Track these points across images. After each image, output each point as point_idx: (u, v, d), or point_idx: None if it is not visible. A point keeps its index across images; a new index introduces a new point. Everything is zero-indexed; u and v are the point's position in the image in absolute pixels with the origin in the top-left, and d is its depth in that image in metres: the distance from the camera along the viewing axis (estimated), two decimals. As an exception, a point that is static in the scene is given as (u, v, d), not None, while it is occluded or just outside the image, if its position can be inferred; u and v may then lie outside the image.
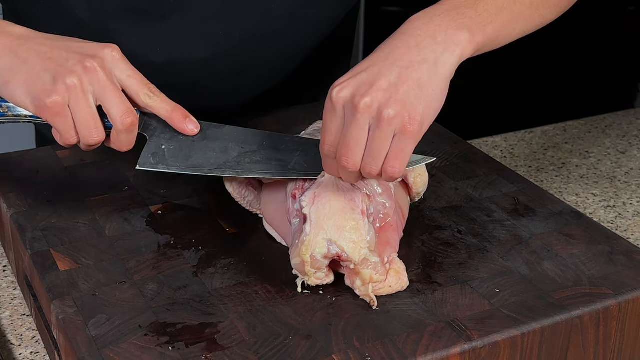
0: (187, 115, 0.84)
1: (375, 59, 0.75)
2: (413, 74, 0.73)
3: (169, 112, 0.83)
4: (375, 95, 0.72)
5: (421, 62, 0.74)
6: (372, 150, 0.73)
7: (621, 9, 2.82)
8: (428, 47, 0.74)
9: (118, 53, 0.80)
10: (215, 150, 0.85)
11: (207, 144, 0.85)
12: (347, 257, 0.77)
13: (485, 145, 1.29)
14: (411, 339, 0.73)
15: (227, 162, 0.84)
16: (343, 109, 0.74)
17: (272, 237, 0.88)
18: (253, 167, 0.85)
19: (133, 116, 0.80)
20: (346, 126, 0.74)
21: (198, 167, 0.84)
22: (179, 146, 0.84)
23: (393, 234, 0.81)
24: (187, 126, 0.84)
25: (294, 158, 0.84)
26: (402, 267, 0.80)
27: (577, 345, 0.78)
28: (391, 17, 2.61)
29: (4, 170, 1.00)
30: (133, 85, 0.81)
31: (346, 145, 0.74)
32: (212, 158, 0.84)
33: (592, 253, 0.85)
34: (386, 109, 0.72)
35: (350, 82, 0.74)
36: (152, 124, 0.84)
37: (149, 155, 0.84)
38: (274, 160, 0.84)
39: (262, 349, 0.72)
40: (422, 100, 0.73)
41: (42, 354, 0.83)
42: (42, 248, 0.85)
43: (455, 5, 0.77)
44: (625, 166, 1.23)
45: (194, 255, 0.85)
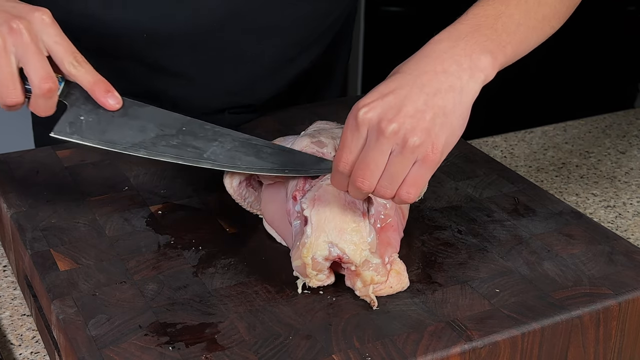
0: (110, 90, 0.83)
1: (403, 82, 0.74)
2: (440, 101, 0.73)
3: (91, 84, 0.82)
4: (402, 122, 0.71)
5: (448, 89, 0.74)
6: (390, 175, 0.73)
7: (621, 9, 2.82)
8: (454, 73, 0.74)
9: (48, 17, 0.80)
10: (133, 128, 0.83)
11: (126, 121, 0.83)
12: (348, 259, 0.77)
13: (485, 145, 1.29)
14: (411, 339, 0.73)
15: (143, 142, 0.83)
16: (367, 130, 0.73)
17: (272, 237, 0.88)
18: (167, 150, 0.83)
19: (52, 82, 0.79)
20: (368, 148, 0.73)
21: (112, 143, 0.83)
22: (97, 119, 0.83)
23: (394, 234, 0.81)
24: (108, 100, 0.83)
25: (210, 148, 0.83)
26: (402, 267, 0.80)
27: (577, 345, 0.78)
28: (391, 17, 2.61)
29: (4, 170, 1.00)
30: (59, 51, 0.80)
31: (365, 166, 0.73)
32: (128, 136, 0.83)
33: (592, 253, 0.85)
34: (412, 137, 0.71)
35: (377, 104, 0.73)
36: (75, 93, 0.83)
37: (65, 124, 0.83)
38: (190, 147, 0.83)
39: (262, 349, 0.72)
40: (446, 129, 0.73)
41: (42, 354, 0.83)
42: (42, 248, 0.85)
43: (476, 25, 0.77)
44: (625, 166, 1.23)
45: (194, 255, 0.85)
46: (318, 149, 0.85)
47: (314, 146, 0.86)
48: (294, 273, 0.80)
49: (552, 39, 0.86)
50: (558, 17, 0.85)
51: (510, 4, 0.80)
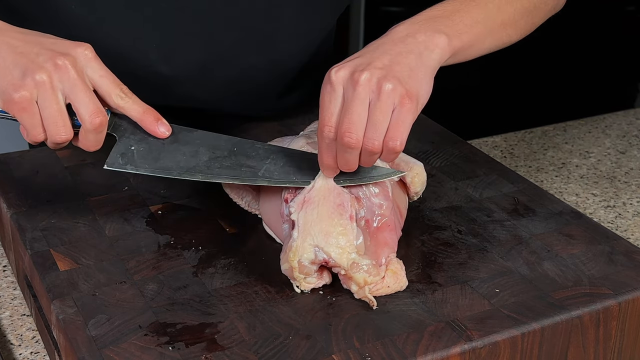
0: (159, 118, 0.83)
1: (365, 51, 0.80)
2: (403, 59, 0.78)
3: (141, 114, 0.82)
4: (373, 71, 0.76)
5: (408, 52, 0.79)
6: (374, 124, 0.75)
7: (621, 9, 2.82)
8: (411, 43, 0.80)
9: (91, 52, 0.80)
10: (185, 153, 0.84)
11: (178, 147, 0.84)
12: (334, 263, 0.77)
13: (485, 145, 1.29)
14: (411, 339, 0.73)
15: (197, 166, 0.84)
16: (342, 87, 0.76)
17: (272, 237, 0.88)
18: (223, 172, 0.84)
19: (102, 116, 0.79)
20: (347, 103, 0.76)
21: (167, 170, 0.83)
22: (148, 148, 0.84)
23: (390, 234, 0.81)
24: (159, 128, 0.83)
25: (264, 165, 0.84)
26: (399, 267, 0.80)
27: (577, 345, 0.78)
28: (391, 17, 2.61)
29: (4, 170, 1.00)
30: (105, 85, 0.81)
31: (349, 120, 0.75)
32: (182, 161, 0.84)
33: (592, 253, 0.85)
34: (385, 82, 0.75)
35: (346, 64, 0.77)
36: (122, 124, 0.84)
37: (117, 156, 0.83)
38: (244, 166, 0.84)
39: (262, 349, 0.72)
40: (414, 80, 0.77)
41: (42, 354, 0.83)
42: (42, 248, 0.85)
43: (432, 16, 0.83)
44: (625, 166, 1.23)
45: (194, 255, 0.85)
46: (313, 150, 0.85)
47: (310, 147, 0.86)
48: None
49: (552, 39, 0.86)
50: (516, 28, 0.90)
51: (470, 5, 0.85)
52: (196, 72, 1.05)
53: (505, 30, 0.88)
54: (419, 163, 0.89)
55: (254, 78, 1.09)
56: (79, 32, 1.00)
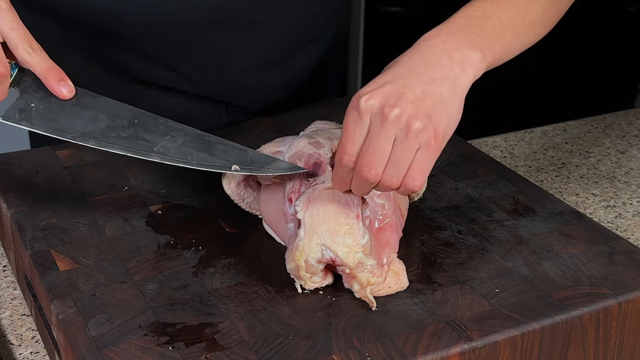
0: (63, 78, 0.82)
1: (398, 73, 0.76)
2: (436, 89, 0.75)
3: (45, 71, 0.82)
4: (404, 107, 0.73)
5: (442, 79, 0.75)
6: (396, 162, 0.73)
7: (621, 9, 2.82)
8: (446, 65, 0.76)
9: (5, 3, 0.80)
10: (83, 118, 0.83)
11: (78, 111, 0.83)
12: (341, 262, 0.77)
13: (485, 145, 1.29)
14: (411, 339, 0.73)
15: (93, 132, 0.82)
16: (370, 118, 0.73)
17: (272, 237, 0.88)
18: (118, 142, 0.82)
19: (3, 68, 0.79)
20: (372, 136, 0.73)
21: (61, 131, 0.82)
22: (48, 107, 0.82)
23: (392, 234, 0.81)
24: (61, 89, 0.82)
25: (161, 141, 0.83)
26: (401, 267, 0.80)
27: (577, 345, 0.78)
28: (391, 17, 2.61)
29: (4, 170, 1.00)
30: (14, 38, 0.80)
31: (371, 154, 0.73)
32: (79, 125, 0.82)
33: (592, 253, 0.85)
34: (415, 121, 0.72)
35: (378, 91, 0.74)
36: (27, 80, 0.83)
37: (15, 110, 0.82)
38: (141, 139, 0.83)
39: (262, 349, 0.72)
40: (445, 115, 0.74)
41: (42, 354, 0.83)
42: (42, 248, 0.85)
43: (465, 24, 0.79)
44: (625, 166, 1.23)
45: (194, 255, 0.85)
46: (315, 150, 0.85)
47: (312, 147, 0.86)
48: (291, 275, 0.80)
49: (552, 39, 0.86)
50: (543, 25, 0.87)
51: (499, 7, 0.82)
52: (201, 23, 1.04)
53: (534, 29, 0.86)
54: (419, 163, 0.89)
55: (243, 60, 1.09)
56: None
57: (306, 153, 0.85)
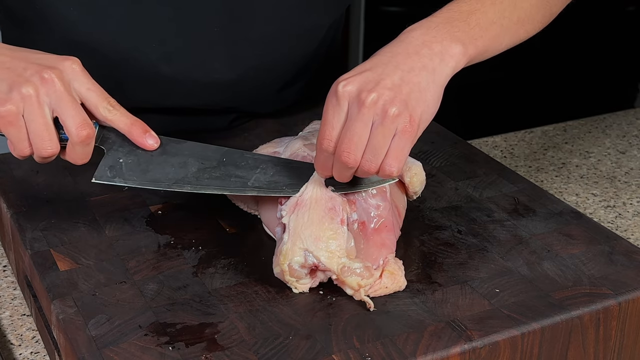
0: (147, 130, 0.83)
1: (377, 61, 0.78)
2: (414, 78, 0.76)
3: (129, 126, 0.82)
4: (381, 93, 0.75)
5: (421, 68, 0.77)
6: (373, 147, 0.75)
7: (621, 9, 2.82)
8: (426, 55, 0.78)
9: (78, 66, 0.80)
10: (174, 165, 0.84)
11: (166, 159, 0.84)
12: (324, 267, 0.77)
13: (485, 145, 1.29)
14: (411, 339, 0.73)
15: (186, 177, 0.84)
16: (348, 103, 0.75)
17: (272, 237, 0.88)
18: (212, 182, 0.84)
19: (89, 128, 0.79)
20: (350, 121, 0.75)
21: (155, 182, 0.83)
22: (137, 160, 0.83)
23: (388, 234, 0.81)
24: (147, 141, 0.83)
25: (253, 175, 0.84)
26: (397, 267, 0.79)
27: (577, 345, 0.78)
28: (391, 17, 2.62)
29: (4, 170, 1.00)
30: (92, 98, 0.80)
31: (349, 140, 0.75)
32: (171, 173, 0.84)
33: (592, 253, 0.85)
34: (391, 106, 0.74)
35: (356, 78, 0.76)
36: (110, 137, 0.84)
37: (105, 169, 0.83)
38: (233, 176, 0.84)
39: (262, 349, 0.72)
40: (422, 103, 0.76)
41: (42, 354, 0.83)
42: (42, 248, 0.85)
43: (448, 18, 0.81)
44: (625, 166, 1.23)
45: (194, 255, 0.85)
46: (309, 152, 0.86)
47: (306, 149, 0.86)
48: None
49: (552, 39, 0.86)
50: (533, 23, 0.88)
51: (486, 3, 0.83)
52: (197, 72, 1.05)
53: (523, 27, 0.87)
54: (417, 163, 0.89)
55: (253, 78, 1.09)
56: (78, 37, 1.00)
57: (300, 155, 0.86)
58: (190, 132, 0.99)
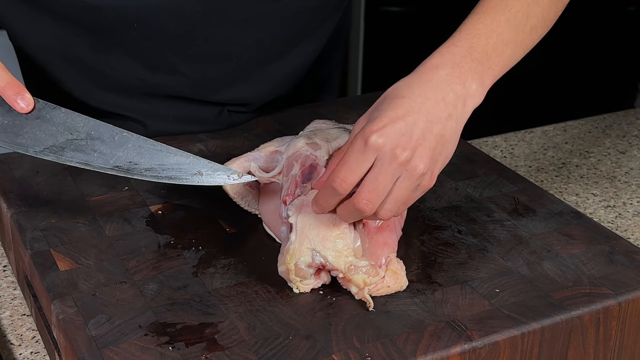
0: (20, 92, 0.83)
1: (409, 109, 0.75)
2: (442, 130, 0.76)
3: (1, 87, 0.82)
4: (414, 150, 0.74)
5: (447, 118, 0.77)
6: (395, 199, 0.75)
7: (621, 9, 2.82)
8: (451, 102, 0.77)
9: None
10: (44, 131, 0.83)
11: (39, 124, 0.83)
12: (331, 266, 0.77)
13: (485, 145, 1.29)
14: (411, 339, 0.73)
15: (53, 146, 0.83)
16: (376, 154, 0.74)
17: (272, 237, 0.88)
18: (75, 155, 0.83)
19: None
20: (377, 173, 0.74)
21: (24, 147, 0.82)
22: (11, 122, 0.83)
23: (390, 234, 0.81)
24: (19, 103, 0.82)
25: (116, 153, 0.83)
26: (399, 267, 0.80)
27: (577, 345, 0.78)
28: (391, 17, 2.61)
29: (4, 170, 1.00)
30: None
31: (373, 190, 0.74)
32: (40, 139, 0.83)
33: (592, 253, 0.85)
34: (420, 164, 0.74)
35: (389, 130, 0.74)
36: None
37: None
38: (97, 152, 0.83)
39: (262, 349, 0.72)
40: (444, 155, 0.77)
41: (42, 354, 0.83)
42: (42, 248, 0.85)
43: (469, 47, 0.79)
44: (625, 166, 1.23)
45: (194, 255, 0.85)
46: (312, 152, 0.86)
47: (309, 148, 0.86)
48: None
49: (552, 38, 0.86)
50: (545, 25, 0.87)
51: (501, 22, 0.81)
52: None
53: (536, 33, 0.85)
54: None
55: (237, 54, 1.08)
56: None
57: (303, 154, 0.85)
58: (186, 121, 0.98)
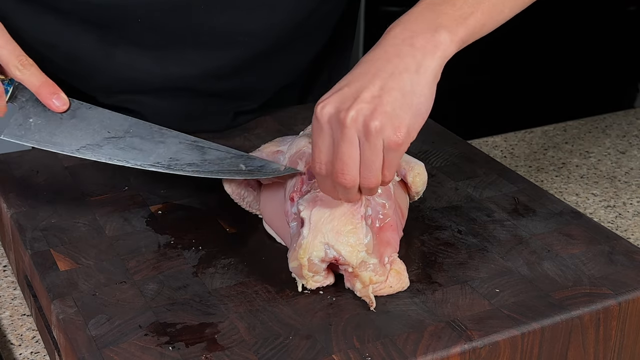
0: (56, 92, 0.83)
1: (356, 74, 0.75)
2: (395, 83, 0.73)
3: (37, 87, 0.83)
4: (359, 108, 0.72)
5: (402, 71, 0.73)
6: (366, 164, 0.73)
7: (621, 9, 2.82)
8: (407, 55, 0.74)
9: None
10: (81, 130, 0.84)
11: (75, 123, 0.84)
12: (344, 261, 0.77)
13: (485, 145, 1.29)
14: (411, 339, 0.73)
15: (90, 144, 0.83)
16: (330, 125, 0.73)
17: (272, 237, 0.88)
18: (114, 153, 0.84)
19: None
20: (336, 143, 0.73)
21: (60, 145, 0.83)
22: (46, 121, 0.83)
23: (393, 234, 0.81)
24: (54, 102, 0.83)
25: (156, 150, 0.84)
26: (402, 267, 0.80)
27: (577, 345, 0.78)
28: (391, 17, 2.61)
29: (4, 170, 1.00)
30: (3, 56, 0.81)
31: (340, 161, 0.73)
32: (77, 138, 0.83)
33: (592, 253, 0.85)
34: (372, 121, 0.71)
35: (333, 97, 0.74)
36: (25, 95, 0.84)
37: (15, 126, 0.83)
38: (136, 149, 0.84)
39: (262, 349, 0.72)
40: (407, 109, 0.73)
41: (42, 354, 0.83)
42: (42, 248, 0.85)
43: (429, 4, 0.76)
44: (625, 166, 1.23)
45: (194, 255, 0.85)
46: None
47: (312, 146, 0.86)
48: (293, 275, 0.80)
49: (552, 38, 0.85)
50: None
51: None
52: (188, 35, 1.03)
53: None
54: (420, 163, 0.89)
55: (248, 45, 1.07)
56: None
57: (307, 152, 0.85)
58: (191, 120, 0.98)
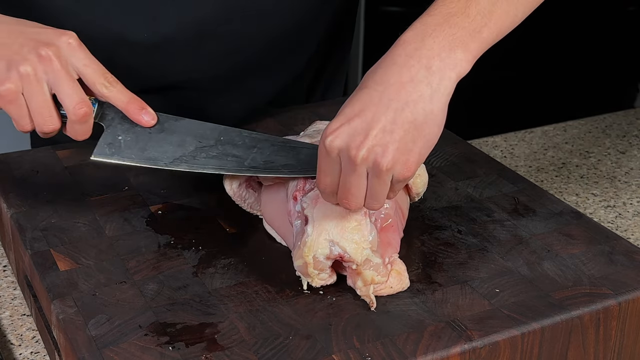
0: (143, 107, 0.83)
1: (368, 101, 0.72)
2: (409, 115, 0.71)
3: (125, 103, 0.82)
4: (371, 147, 0.70)
5: (417, 100, 0.71)
6: (373, 194, 0.74)
7: (621, 9, 2.82)
8: (423, 80, 0.71)
9: (75, 40, 0.80)
10: (171, 143, 0.84)
11: (164, 137, 0.84)
12: (349, 258, 0.77)
13: (485, 145, 1.29)
14: (411, 339, 0.73)
15: (183, 155, 0.83)
16: (338, 156, 0.73)
17: (272, 237, 0.88)
18: (209, 162, 0.84)
19: (86, 107, 0.79)
20: (345, 174, 0.73)
21: (153, 160, 0.83)
22: (135, 138, 0.83)
23: (394, 234, 0.81)
24: (143, 117, 0.83)
25: (250, 155, 0.84)
26: (403, 267, 0.80)
27: (577, 345, 0.78)
28: (391, 17, 2.61)
29: (4, 170, 1.00)
30: (89, 74, 0.80)
31: (347, 191, 0.74)
32: (169, 151, 0.83)
33: (592, 253, 0.85)
34: (383, 159, 0.71)
35: (343, 130, 0.71)
36: (109, 113, 0.83)
37: (104, 146, 0.83)
38: (230, 156, 0.84)
39: (262, 349, 0.72)
40: (419, 141, 0.72)
41: (42, 354, 0.83)
42: (42, 248, 0.85)
43: (445, 14, 0.73)
44: (625, 166, 1.23)
45: (194, 255, 0.85)
46: None
47: None
48: (297, 273, 0.80)
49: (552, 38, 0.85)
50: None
51: None
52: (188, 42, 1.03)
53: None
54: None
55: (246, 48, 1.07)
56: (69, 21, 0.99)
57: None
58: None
